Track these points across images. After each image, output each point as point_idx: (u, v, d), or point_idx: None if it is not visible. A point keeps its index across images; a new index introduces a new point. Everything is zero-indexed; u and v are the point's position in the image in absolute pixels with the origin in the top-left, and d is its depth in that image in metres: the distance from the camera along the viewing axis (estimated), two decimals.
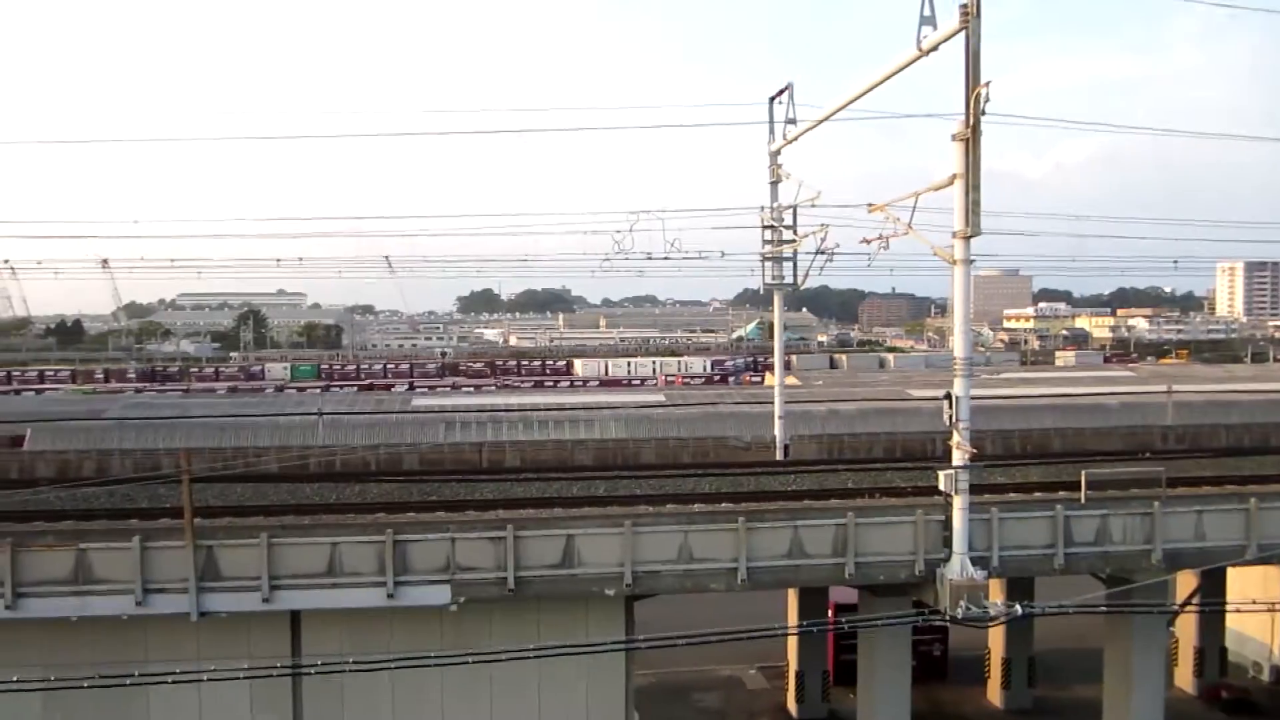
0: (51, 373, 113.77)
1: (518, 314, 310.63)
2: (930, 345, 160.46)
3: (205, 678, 16.24)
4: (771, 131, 27.09)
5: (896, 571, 18.53)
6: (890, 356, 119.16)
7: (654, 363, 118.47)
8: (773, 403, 29.09)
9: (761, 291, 30.54)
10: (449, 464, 28.19)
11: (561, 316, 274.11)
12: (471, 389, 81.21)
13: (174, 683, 16.40)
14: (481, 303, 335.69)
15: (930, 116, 20.00)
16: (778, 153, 27.12)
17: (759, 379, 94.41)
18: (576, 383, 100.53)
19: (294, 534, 17.37)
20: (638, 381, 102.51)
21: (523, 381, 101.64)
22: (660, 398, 53.08)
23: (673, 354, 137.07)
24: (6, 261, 72.53)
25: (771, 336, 37.81)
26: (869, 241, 20.86)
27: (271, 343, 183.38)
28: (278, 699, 18.23)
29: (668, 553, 18.05)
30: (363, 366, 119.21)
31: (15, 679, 16.34)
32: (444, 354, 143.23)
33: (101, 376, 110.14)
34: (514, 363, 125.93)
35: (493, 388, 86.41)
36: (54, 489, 22.87)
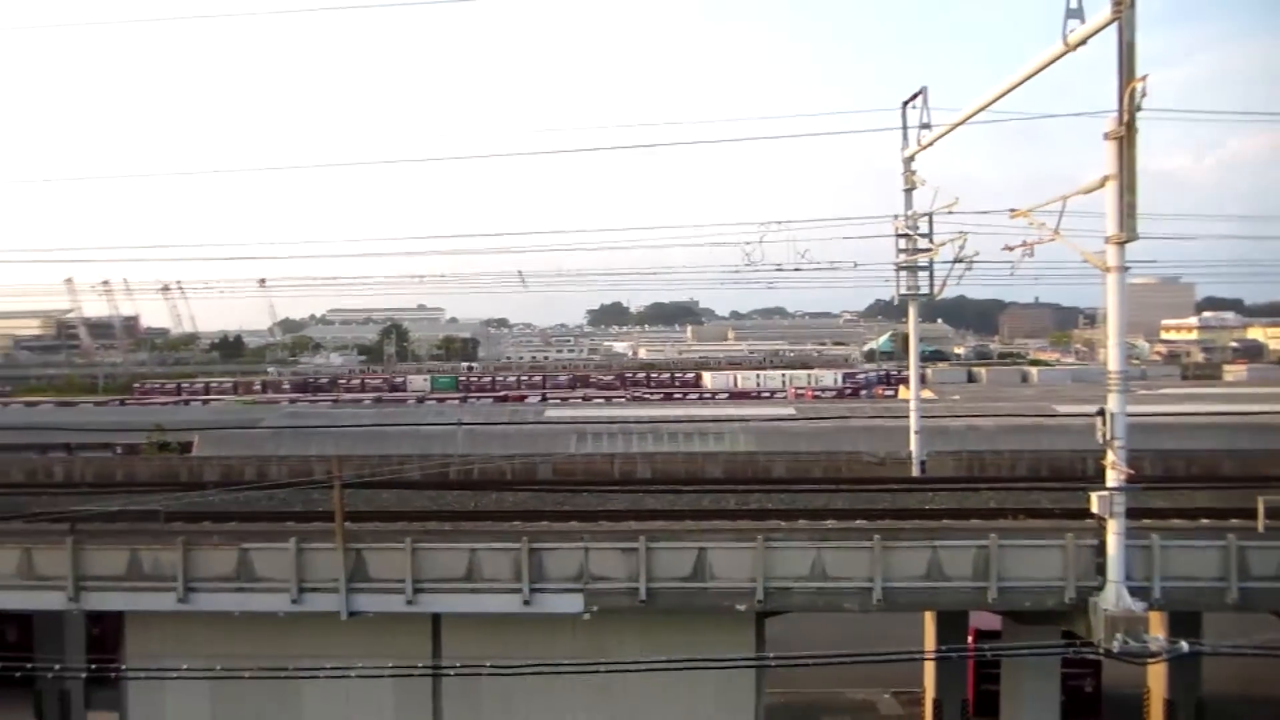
0: (216, 384, 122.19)
1: (646, 326, 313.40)
2: (1078, 358, 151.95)
3: (353, 674, 17.04)
4: (905, 137, 26.38)
5: (1044, 598, 17.56)
6: (1033, 370, 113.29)
7: (783, 375, 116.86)
8: (907, 417, 28.20)
9: (895, 302, 29.66)
10: (581, 474, 28.55)
11: (690, 329, 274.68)
12: (602, 400, 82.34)
13: (325, 678, 17.31)
14: (611, 315, 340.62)
15: (1078, 115, 19.05)
16: (912, 159, 26.37)
17: (892, 393, 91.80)
18: (705, 395, 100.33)
19: (435, 539, 18.01)
20: (767, 394, 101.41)
21: (652, 394, 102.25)
22: (790, 411, 52.42)
23: (803, 366, 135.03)
24: (179, 283, 79.18)
25: (905, 349, 36.67)
26: (1012, 249, 19.97)
27: (412, 356, 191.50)
28: (419, 699, 18.92)
29: (800, 569, 17.73)
30: (497, 378, 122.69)
31: (185, 667, 17.63)
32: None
33: (259, 388, 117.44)
34: (643, 375, 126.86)
35: (623, 400, 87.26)
36: (219, 492, 24.51)
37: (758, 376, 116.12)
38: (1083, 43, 16.24)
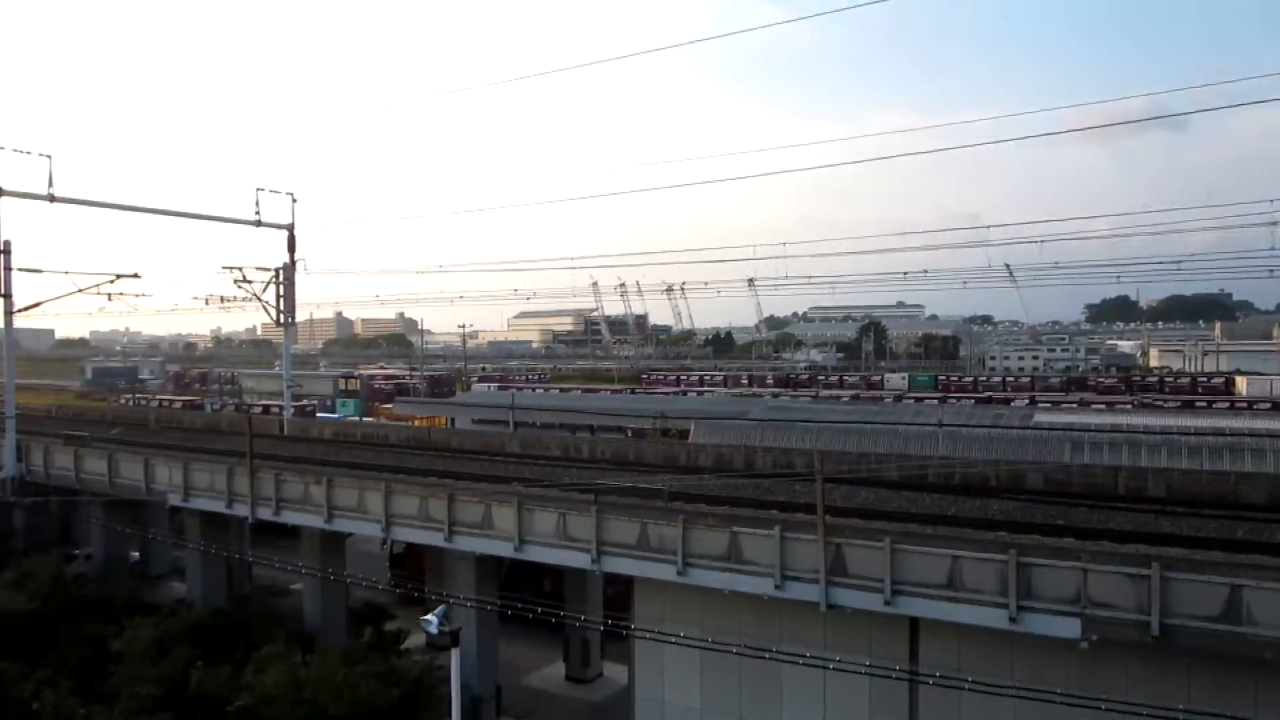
0: (709, 377, 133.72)
1: (1160, 323, 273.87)
2: None
3: (830, 666, 17.37)
4: None
5: None
6: None
7: None
8: None
9: None
10: (1077, 487, 25.81)
11: (1219, 325, 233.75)
12: (1102, 406, 73.61)
13: (803, 665, 17.88)
14: (1115, 310, 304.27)
15: None
16: None
17: None
18: (1239, 404, 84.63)
19: (915, 541, 17.55)
20: None
21: (1165, 400, 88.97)
22: None
23: None
24: (683, 284, 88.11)
25: None
26: None
27: (890, 354, 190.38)
28: (895, 702, 18.64)
29: None
30: (980, 379, 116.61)
31: (681, 634, 19.46)
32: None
33: (746, 381, 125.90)
34: (1155, 379, 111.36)
35: (1128, 406, 77.19)
36: (713, 477, 26.65)
37: None
38: None
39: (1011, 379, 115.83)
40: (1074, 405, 76.17)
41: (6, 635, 28.06)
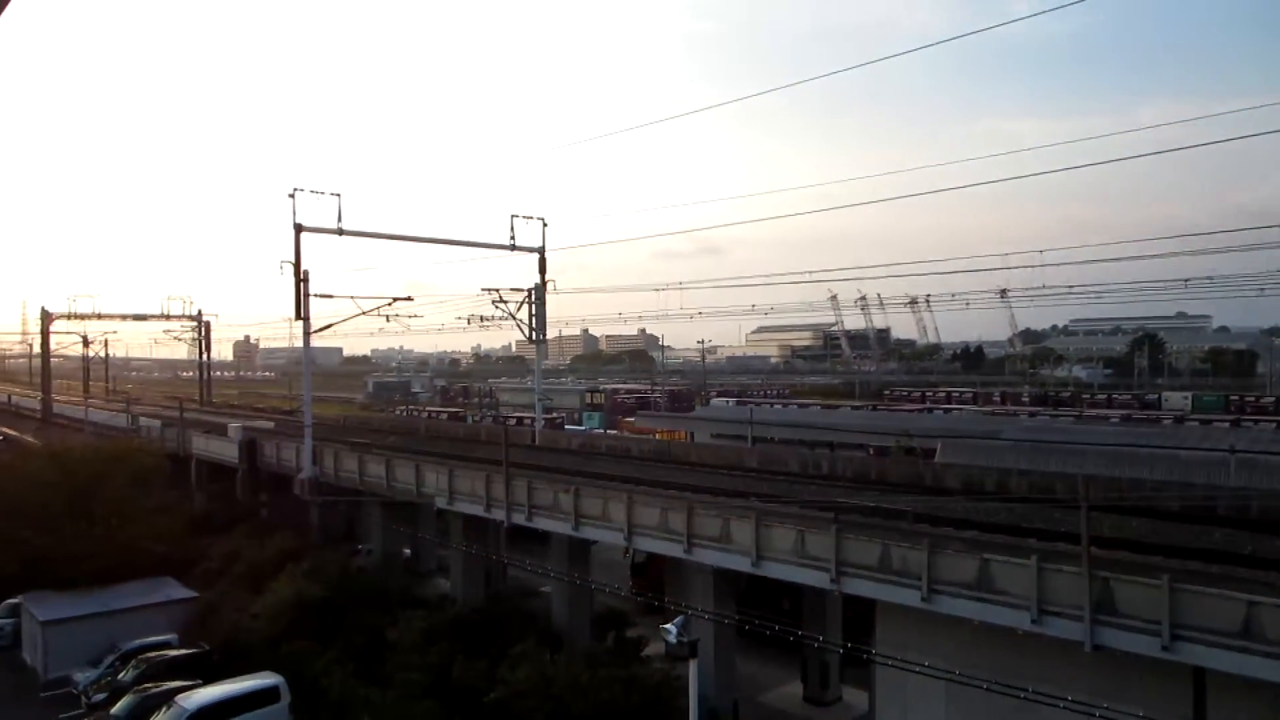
0: (957, 394, 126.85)
1: None
2: None
3: (1097, 715, 15.80)
4: None
5: None
6: None
7: None
8: None
9: None
10: None
11: None
12: None
13: (1064, 708, 16.38)
14: None
15: None
16: None
17: None
18: None
19: (1200, 581, 15.64)
20: None
21: None
22: None
23: None
24: (927, 297, 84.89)
25: None
26: None
27: (1169, 370, 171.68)
28: None
29: None
30: None
31: (926, 663, 18.50)
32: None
33: (999, 399, 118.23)
34: None
35: None
36: (961, 499, 25.22)
37: None
38: None
39: None
40: None
41: (304, 618, 31.77)
